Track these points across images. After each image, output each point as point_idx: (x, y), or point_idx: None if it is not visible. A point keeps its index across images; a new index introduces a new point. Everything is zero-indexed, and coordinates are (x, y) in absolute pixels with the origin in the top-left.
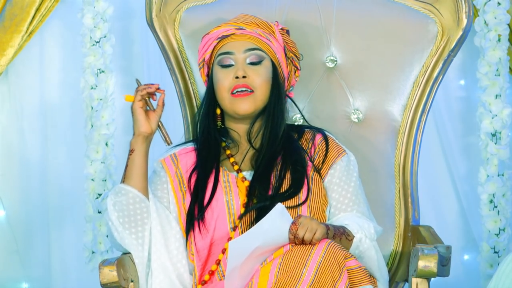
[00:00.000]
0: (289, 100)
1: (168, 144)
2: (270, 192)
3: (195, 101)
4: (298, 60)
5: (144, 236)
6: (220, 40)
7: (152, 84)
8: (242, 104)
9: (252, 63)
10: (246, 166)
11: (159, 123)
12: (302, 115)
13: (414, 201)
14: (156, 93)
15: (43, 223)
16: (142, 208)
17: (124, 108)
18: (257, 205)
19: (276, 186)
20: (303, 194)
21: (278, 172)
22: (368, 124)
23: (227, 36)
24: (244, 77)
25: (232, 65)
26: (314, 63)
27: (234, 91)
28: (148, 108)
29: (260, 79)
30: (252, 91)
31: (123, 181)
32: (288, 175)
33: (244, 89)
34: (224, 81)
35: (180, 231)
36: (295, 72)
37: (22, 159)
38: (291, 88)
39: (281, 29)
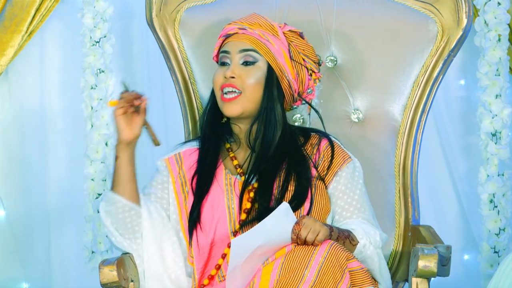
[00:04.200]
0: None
1: (156, 145)
2: (271, 204)
3: (195, 101)
4: (315, 63)
5: (138, 243)
6: (225, 39)
7: (136, 95)
8: (229, 106)
9: (244, 64)
10: (250, 169)
11: (146, 124)
12: (321, 118)
13: (414, 201)
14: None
15: (43, 223)
16: (132, 216)
17: None
18: (259, 210)
19: (278, 198)
20: (305, 207)
21: (281, 183)
22: (368, 124)
23: (231, 35)
24: (232, 77)
25: (228, 64)
26: None
27: (223, 90)
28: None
29: (250, 80)
30: (240, 92)
31: (112, 187)
32: (291, 187)
33: (231, 89)
34: (217, 78)
35: (177, 240)
36: (310, 74)
37: (22, 159)
38: (309, 90)
39: (290, 31)
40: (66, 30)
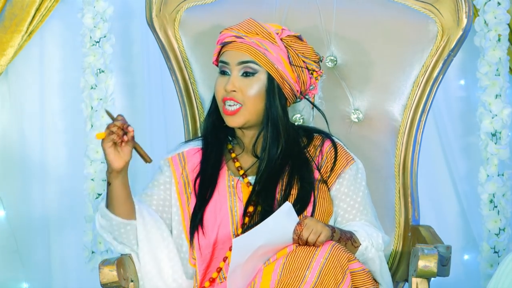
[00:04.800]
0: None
1: (148, 163)
2: (274, 207)
3: (195, 101)
4: (316, 62)
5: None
6: (223, 46)
7: (123, 125)
8: (232, 119)
9: (244, 75)
10: (252, 170)
11: (136, 145)
12: (325, 117)
13: (414, 201)
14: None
15: (43, 223)
16: (128, 231)
17: (124, 109)
18: (261, 214)
19: (280, 202)
20: (308, 210)
21: (283, 187)
22: (368, 124)
23: (228, 42)
24: (233, 91)
25: (228, 74)
26: None
27: (225, 103)
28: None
29: (251, 92)
30: (241, 105)
31: (106, 205)
32: (293, 191)
33: (232, 102)
34: (218, 89)
35: (174, 248)
36: (311, 73)
37: (22, 159)
38: (311, 87)
39: (287, 36)
40: (66, 30)
